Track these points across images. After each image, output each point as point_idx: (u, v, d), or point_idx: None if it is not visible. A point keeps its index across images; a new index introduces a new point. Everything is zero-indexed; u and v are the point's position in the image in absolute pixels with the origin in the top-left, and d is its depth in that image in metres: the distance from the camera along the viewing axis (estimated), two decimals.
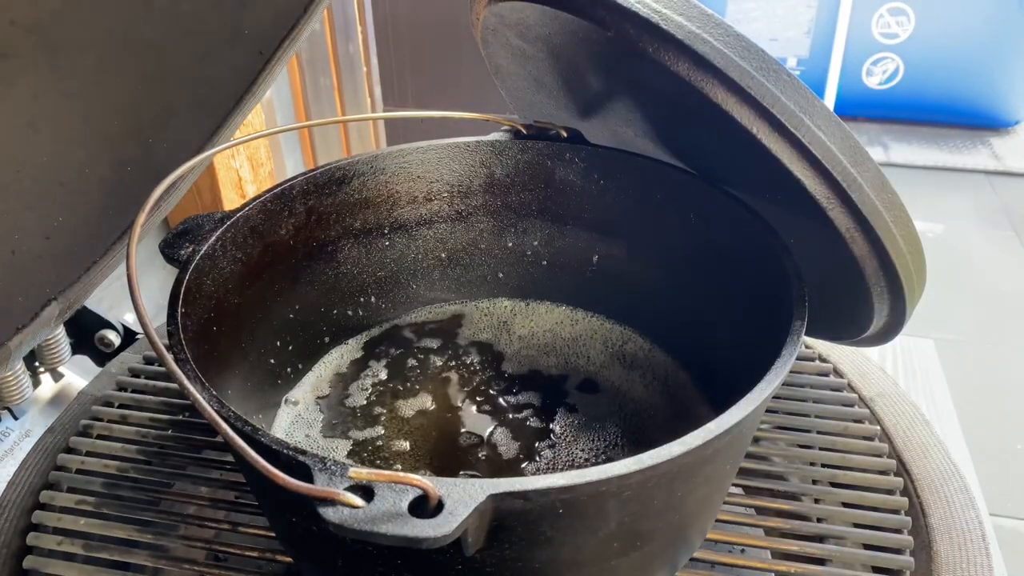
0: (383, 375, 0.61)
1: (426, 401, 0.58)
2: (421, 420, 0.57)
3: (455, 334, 0.64)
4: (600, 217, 0.63)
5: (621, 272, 0.63)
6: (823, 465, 0.56)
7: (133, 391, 0.66)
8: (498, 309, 0.67)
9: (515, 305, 0.67)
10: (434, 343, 0.64)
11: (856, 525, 0.52)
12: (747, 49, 0.42)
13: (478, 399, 0.58)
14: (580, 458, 0.53)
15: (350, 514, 0.29)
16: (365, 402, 0.58)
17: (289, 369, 0.59)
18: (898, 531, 0.51)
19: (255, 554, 0.52)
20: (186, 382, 0.33)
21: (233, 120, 0.63)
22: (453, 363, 0.62)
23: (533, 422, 0.56)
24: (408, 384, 0.60)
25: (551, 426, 0.56)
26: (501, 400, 0.58)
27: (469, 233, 0.65)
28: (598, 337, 0.64)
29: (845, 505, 0.54)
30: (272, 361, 0.57)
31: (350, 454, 0.54)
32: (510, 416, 0.57)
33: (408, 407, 0.58)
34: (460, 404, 0.58)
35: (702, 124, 0.47)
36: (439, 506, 0.29)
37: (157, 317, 0.44)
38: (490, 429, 0.56)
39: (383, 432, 0.56)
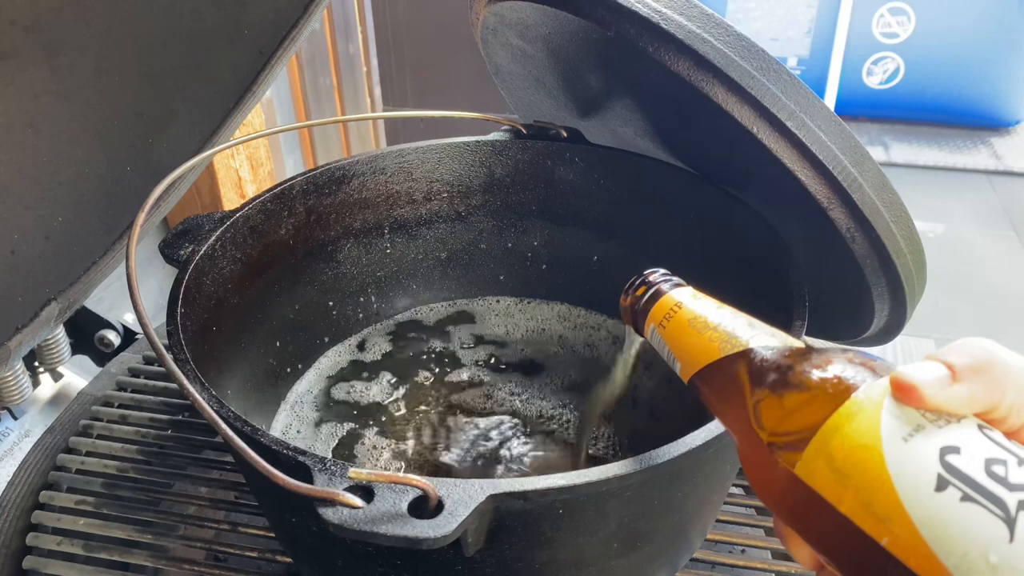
0: (383, 375, 0.61)
1: (426, 400, 0.58)
2: (421, 419, 0.57)
3: (455, 333, 0.64)
4: (600, 217, 0.62)
5: (622, 272, 0.63)
6: None
7: (133, 391, 0.66)
8: (499, 308, 0.67)
9: (516, 304, 0.67)
10: (434, 342, 0.64)
11: None
12: (747, 49, 0.42)
13: (479, 397, 0.58)
14: (585, 456, 0.53)
15: (350, 514, 0.29)
16: (365, 402, 0.58)
17: (289, 369, 0.59)
18: None
19: (255, 554, 0.51)
20: (186, 382, 0.33)
21: (233, 120, 0.63)
22: (453, 362, 0.62)
23: (534, 420, 0.56)
24: (408, 383, 0.60)
25: (553, 423, 0.56)
26: (502, 398, 0.58)
27: (469, 233, 0.65)
28: (600, 333, 0.64)
29: None
30: (272, 361, 0.57)
31: (350, 454, 0.54)
32: (511, 414, 0.57)
33: (408, 406, 0.58)
34: (461, 402, 0.58)
35: (702, 124, 0.47)
36: (439, 506, 0.29)
37: (157, 317, 0.43)
38: (491, 427, 0.56)
39: (383, 431, 0.56)
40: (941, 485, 0.22)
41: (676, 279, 0.36)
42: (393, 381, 0.60)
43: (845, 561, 0.24)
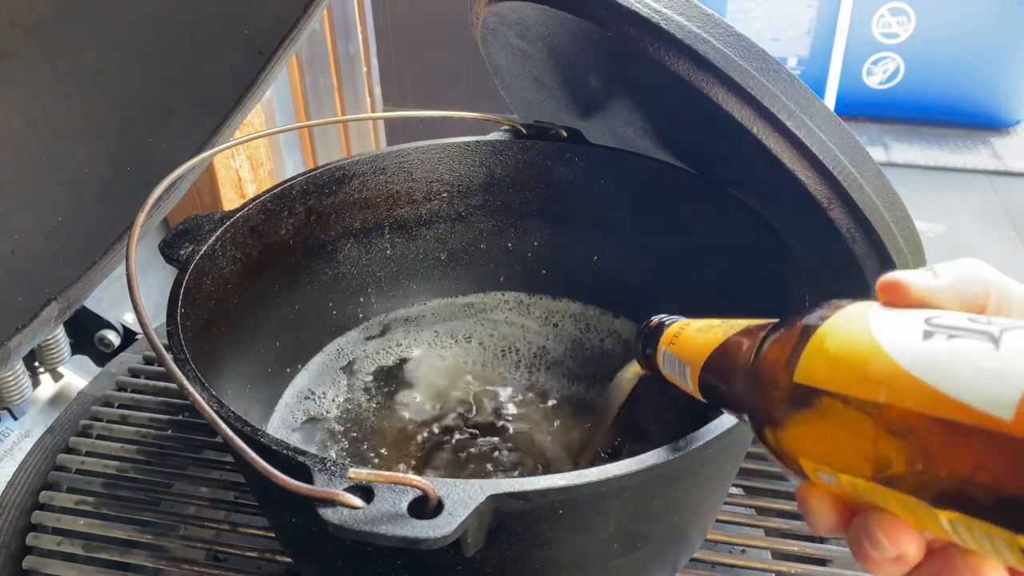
0: (383, 374, 0.61)
1: (427, 399, 0.58)
2: (422, 418, 0.57)
3: (455, 332, 0.64)
4: (600, 217, 0.62)
5: (622, 272, 0.63)
6: None
7: (133, 391, 0.66)
8: (498, 307, 0.67)
9: (516, 304, 0.67)
10: (434, 341, 0.64)
11: None
12: (747, 49, 0.42)
13: (479, 395, 0.58)
14: (584, 455, 0.53)
15: (350, 515, 0.29)
16: (365, 402, 0.58)
17: (288, 369, 0.59)
18: None
19: (255, 554, 0.51)
20: (185, 382, 0.33)
21: (233, 120, 0.63)
22: (454, 360, 0.62)
23: (535, 417, 0.56)
24: (408, 382, 0.60)
25: (554, 421, 0.56)
26: (502, 396, 0.58)
27: (469, 233, 0.65)
28: (601, 329, 0.64)
29: None
30: (272, 361, 0.57)
31: (350, 454, 0.54)
32: (511, 413, 0.57)
33: (409, 405, 0.58)
34: (461, 401, 0.58)
35: (702, 124, 0.47)
36: (439, 507, 0.29)
37: (157, 317, 0.43)
38: (491, 426, 0.56)
39: (383, 431, 0.56)
40: (928, 335, 0.23)
41: (680, 316, 0.40)
42: (394, 381, 0.60)
43: (857, 460, 0.24)
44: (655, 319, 0.41)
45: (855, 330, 0.25)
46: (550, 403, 0.58)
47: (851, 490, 0.25)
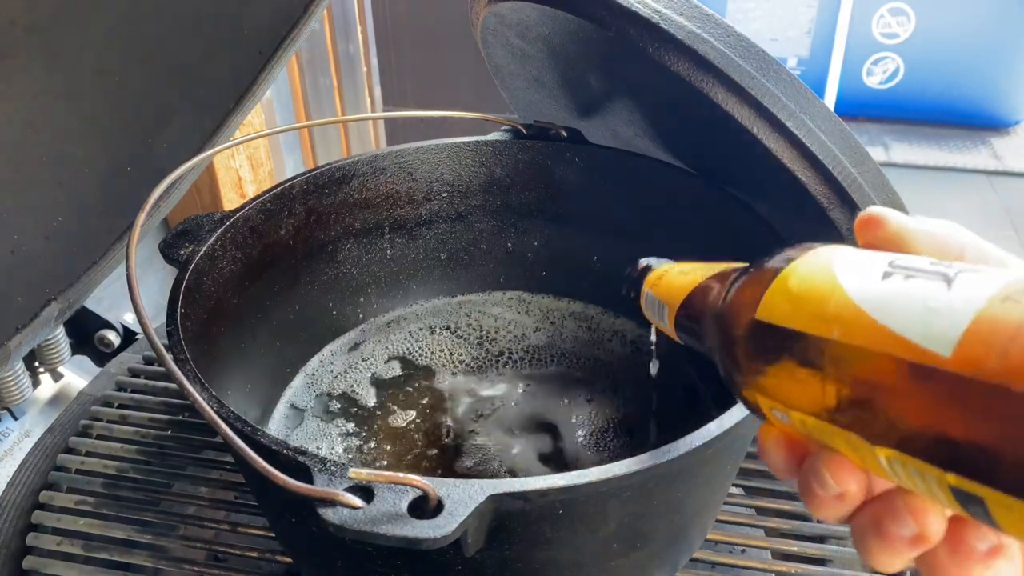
0: (383, 374, 0.61)
1: (427, 400, 0.58)
2: (422, 419, 0.57)
3: (455, 333, 0.64)
4: (600, 217, 0.62)
5: (621, 272, 0.63)
6: None
7: (133, 391, 0.66)
8: (499, 307, 0.67)
9: (516, 303, 0.67)
10: (434, 342, 0.64)
11: None
12: (747, 49, 0.42)
13: (480, 396, 0.58)
14: (583, 454, 0.53)
15: (350, 515, 0.29)
16: (365, 401, 0.58)
17: (288, 369, 0.59)
18: None
19: (255, 554, 0.51)
20: (185, 382, 0.33)
21: (233, 120, 0.63)
22: (454, 361, 0.62)
23: (536, 418, 0.56)
24: (409, 383, 0.60)
25: (553, 420, 0.56)
26: (503, 396, 0.58)
27: (469, 233, 0.65)
28: (604, 329, 0.64)
29: None
30: (271, 361, 0.57)
31: (350, 454, 0.54)
32: (513, 412, 0.57)
33: (409, 406, 0.58)
34: (462, 401, 0.58)
35: (702, 124, 0.47)
36: (439, 507, 0.29)
37: (157, 317, 0.43)
38: (492, 426, 0.56)
39: (384, 431, 0.56)
40: (887, 275, 0.23)
41: (667, 259, 0.40)
42: (393, 381, 0.60)
43: (807, 397, 0.25)
44: (642, 262, 0.41)
45: (818, 270, 0.25)
46: (553, 401, 0.58)
47: (802, 428, 0.26)
